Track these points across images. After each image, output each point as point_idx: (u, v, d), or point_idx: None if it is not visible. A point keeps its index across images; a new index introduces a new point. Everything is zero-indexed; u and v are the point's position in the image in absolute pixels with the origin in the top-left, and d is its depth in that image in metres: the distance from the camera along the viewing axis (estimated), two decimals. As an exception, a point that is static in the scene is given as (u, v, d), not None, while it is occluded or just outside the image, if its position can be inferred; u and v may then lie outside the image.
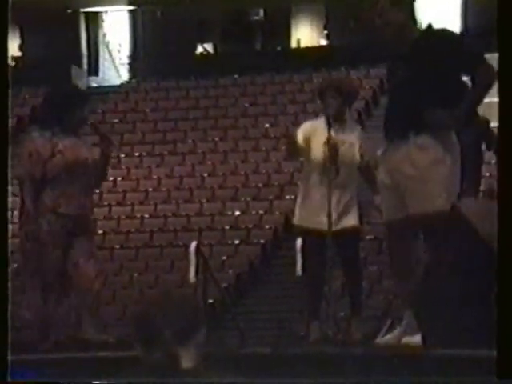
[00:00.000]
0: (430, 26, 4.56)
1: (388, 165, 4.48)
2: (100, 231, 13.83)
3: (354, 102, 5.61)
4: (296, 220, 5.53)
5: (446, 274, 4.22)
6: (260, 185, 14.23)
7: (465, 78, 4.46)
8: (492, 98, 4.42)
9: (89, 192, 4.83)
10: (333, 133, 5.32)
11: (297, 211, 5.51)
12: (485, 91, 4.39)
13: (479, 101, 4.43)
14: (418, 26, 4.54)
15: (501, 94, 3.37)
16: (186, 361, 3.83)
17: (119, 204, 14.32)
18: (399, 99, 4.50)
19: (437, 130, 4.36)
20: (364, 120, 14.71)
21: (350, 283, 5.52)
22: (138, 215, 14.06)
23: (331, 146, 5.29)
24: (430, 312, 4.22)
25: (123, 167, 15.09)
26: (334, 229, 5.27)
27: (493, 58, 4.43)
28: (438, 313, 4.18)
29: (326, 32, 17.13)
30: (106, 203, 14.36)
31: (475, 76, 4.39)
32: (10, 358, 3.21)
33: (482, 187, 6.25)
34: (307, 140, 5.43)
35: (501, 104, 3.35)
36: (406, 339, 4.41)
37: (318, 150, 5.38)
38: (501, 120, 3.35)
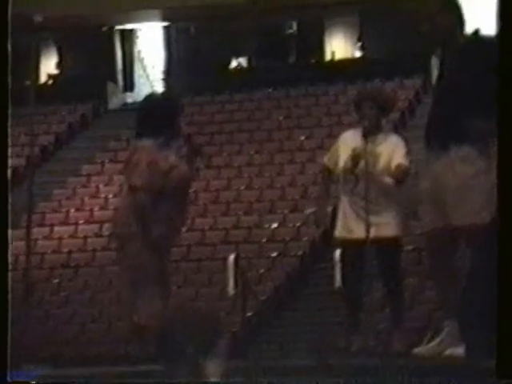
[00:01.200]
0: (476, 32, 4.50)
1: (429, 175, 4.45)
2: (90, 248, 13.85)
3: (390, 113, 5.60)
4: (336, 231, 5.52)
5: (487, 283, 4.18)
6: (296, 197, 14.23)
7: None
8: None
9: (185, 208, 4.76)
10: (363, 144, 5.33)
11: (337, 223, 5.51)
12: None
13: None
14: (464, 32, 4.48)
15: (501, 94, 3.33)
16: (211, 373, 3.83)
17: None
18: (441, 108, 4.48)
19: (478, 141, 4.33)
20: (400, 131, 14.65)
21: (390, 294, 5.48)
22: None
23: (354, 156, 5.31)
24: (473, 322, 4.18)
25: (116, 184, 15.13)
26: (363, 238, 5.24)
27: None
28: (481, 323, 4.15)
29: (359, 44, 17.12)
30: (97, 219, 14.40)
31: None
32: (9, 358, 3.24)
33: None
34: (336, 152, 5.50)
35: (501, 104, 3.31)
36: (449, 350, 4.37)
37: (342, 161, 5.43)
38: (501, 119, 3.31)
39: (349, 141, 5.48)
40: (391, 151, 5.39)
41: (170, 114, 4.75)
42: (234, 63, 17.86)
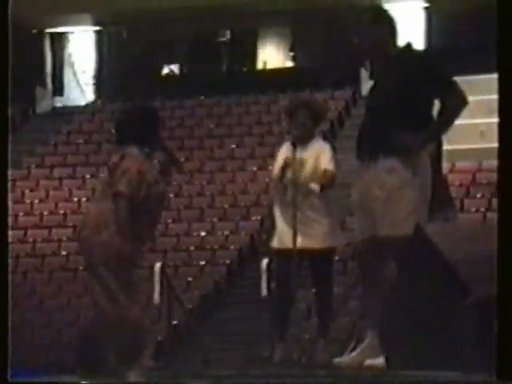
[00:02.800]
0: (408, 45, 4.52)
1: (359, 185, 4.49)
2: (64, 252, 13.75)
3: (321, 122, 5.61)
4: (273, 243, 5.46)
5: (409, 296, 4.22)
6: (226, 205, 14.22)
7: (435, 102, 4.47)
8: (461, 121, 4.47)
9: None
10: (295, 153, 5.32)
11: (274, 235, 5.46)
12: (455, 115, 4.41)
13: (448, 125, 4.44)
14: (396, 45, 4.51)
15: (501, 93, 3.37)
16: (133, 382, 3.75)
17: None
18: (371, 120, 4.52)
19: (405, 153, 4.37)
20: (330, 141, 14.77)
21: (320, 304, 5.47)
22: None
23: (283, 166, 5.31)
24: (394, 333, 4.22)
25: (88, 187, 14.99)
26: (292, 248, 5.24)
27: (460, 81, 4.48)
28: (401, 334, 4.18)
29: (291, 54, 17.23)
30: (70, 224, 14.25)
31: (445, 100, 4.39)
32: (9, 358, 3.17)
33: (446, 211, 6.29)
34: (276, 162, 5.48)
35: (501, 104, 3.36)
36: (369, 361, 4.40)
37: (274, 171, 5.43)
38: (501, 119, 3.36)
39: (282, 152, 5.47)
40: (316, 156, 5.39)
41: (154, 125, 4.77)
42: (165, 70, 17.77)
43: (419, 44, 15.32)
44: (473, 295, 4.04)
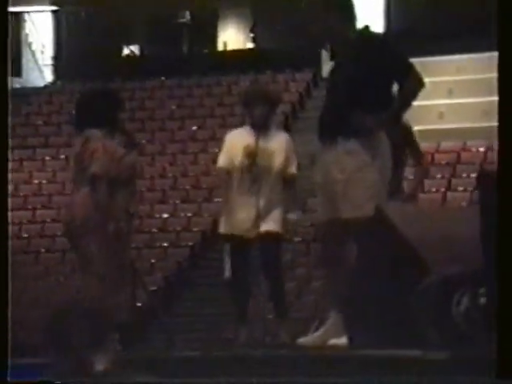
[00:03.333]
0: (366, 28, 4.56)
1: (320, 168, 4.53)
2: (25, 235, 13.64)
3: (276, 109, 5.65)
4: (221, 227, 5.56)
5: (370, 275, 4.29)
6: (188, 187, 14.21)
7: (394, 84, 4.52)
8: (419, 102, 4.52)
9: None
10: (255, 141, 5.39)
11: (221, 219, 5.53)
12: (412, 97, 4.45)
13: (406, 106, 4.49)
14: (354, 28, 4.53)
15: (501, 95, 3.40)
16: (98, 365, 3.76)
17: (44, 207, 14.12)
18: (331, 102, 4.56)
19: (365, 135, 4.42)
20: (290, 123, 14.83)
21: (271, 287, 5.54)
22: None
23: (248, 154, 5.36)
24: (355, 313, 4.28)
25: (48, 169, 14.87)
26: (253, 234, 5.33)
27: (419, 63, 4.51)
28: (363, 314, 4.25)
29: (252, 35, 17.20)
30: (30, 207, 14.14)
31: (403, 82, 4.45)
32: (9, 358, 3.17)
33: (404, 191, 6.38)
34: (230, 154, 5.51)
35: (501, 104, 3.38)
36: (333, 341, 4.46)
37: (236, 158, 5.45)
38: (501, 121, 3.38)
39: (238, 140, 5.50)
40: (283, 150, 5.46)
41: (113, 106, 4.82)
42: (125, 51, 17.63)
43: (378, 27, 15.41)
44: (433, 273, 4.11)
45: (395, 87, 4.49)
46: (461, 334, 3.90)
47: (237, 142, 5.51)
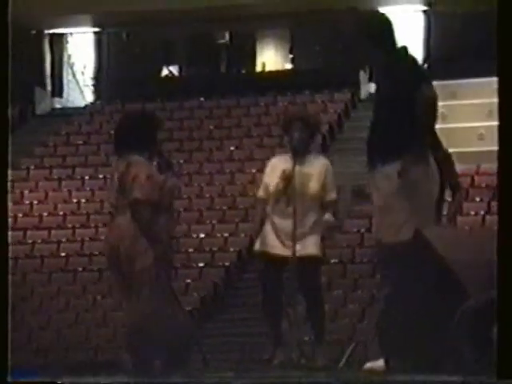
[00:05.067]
0: (404, 48, 4.52)
1: (371, 190, 4.57)
2: (63, 254, 13.76)
3: (317, 134, 5.65)
4: (256, 246, 5.56)
5: (409, 299, 4.24)
6: (225, 207, 14.23)
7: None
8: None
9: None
10: (293, 165, 5.40)
11: (258, 239, 5.54)
12: (434, 107, 4.42)
13: (432, 118, 4.46)
14: (393, 50, 4.51)
15: (501, 93, 3.39)
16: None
17: (83, 226, 14.21)
18: (372, 126, 4.61)
19: (406, 159, 4.42)
20: (328, 144, 14.80)
21: (311, 310, 5.53)
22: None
23: (285, 178, 5.37)
24: (393, 337, 4.24)
25: (87, 189, 15.01)
26: (288, 256, 5.34)
27: (455, 85, 4.50)
28: (401, 338, 4.20)
29: (291, 56, 17.25)
30: (69, 225, 14.26)
31: (418, 96, 4.42)
32: (10, 357, 3.19)
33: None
34: (269, 176, 5.53)
35: (501, 104, 3.37)
36: (369, 364, 4.42)
37: (273, 182, 5.47)
38: (501, 122, 3.37)
39: (277, 165, 5.53)
40: (321, 175, 5.46)
41: (152, 130, 4.92)
42: (165, 71, 17.79)
43: (418, 48, 15.36)
44: (472, 298, 4.06)
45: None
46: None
47: (276, 167, 5.54)
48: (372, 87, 16.50)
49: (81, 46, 17.82)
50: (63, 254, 13.69)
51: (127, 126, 4.90)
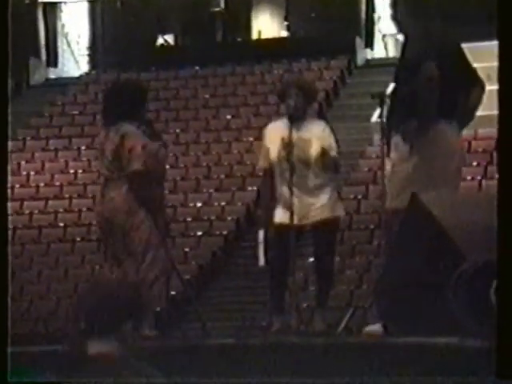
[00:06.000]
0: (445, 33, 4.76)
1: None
2: (61, 224, 13.77)
3: (314, 101, 5.64)
4: (276, 218, 5.45)
5: (406, 263, 4.26)
6: (222, 176, 14.23)
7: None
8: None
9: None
10: (292, 131, 5.38)
11: (275, 211, 5.45)
12: (479, 105, 4.65)
13: (474, 114, 4.75)
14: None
15: (501, 93, 3.39)
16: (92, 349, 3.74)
17: (80, 196, 14.22)
18: (399, 102, 4.75)
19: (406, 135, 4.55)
20: (325, 111, 14.77)
21: (322, 275, 5.49)
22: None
23: (285, 144, 5.35)
24: (391, 301, 4.26)
25: (84, 159, 14.98)
26: (303, 223, 5.33)
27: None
28: (398, 302, 4.22)
29: (286, 23, 17.14)
30: (66, 196, 14.26)
31: (471, 90, 4.70)
32: (9, 357, 3.20)
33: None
34: (269, 144, 5.51)
35: (501, 105, 3.37)
36: (367, 328, 4.45)
37: (274, 150, 5.45)
38: (501, 121, 3.37)
39: (275, 133, 5.50)
40: (319, 138, 5.44)
41: (141, 100, 4.91)
42: (160, 40, 17.68)
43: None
44: (468, 261, 4.08)
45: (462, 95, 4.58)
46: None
47: (274, 135, 5.51)
48: (368, 53, 16.45)
49: (75, 16, 17.68)
50: (61, 225, 13.70)
51: (116, 96, 4.89)
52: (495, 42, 3.40)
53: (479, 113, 4.89)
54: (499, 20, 3.37)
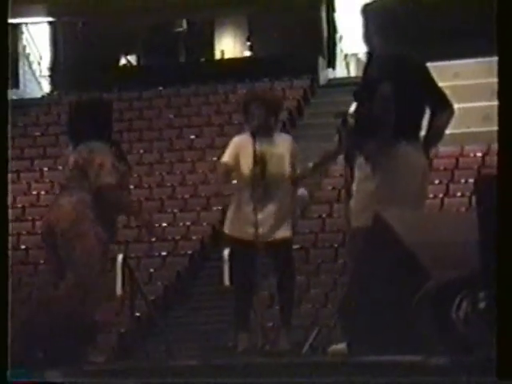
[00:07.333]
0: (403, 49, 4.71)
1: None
2: (23, 246, 13.63)
3: (279, 113, 5.59)
4: (226, 229, 5.50)
5: (369, 281, 4.28)
6: (186, 196, 14.20)
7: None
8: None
9: None
10: (259, 145, 5.35)
11: (227, 221, 5.50)
12: (446, 127, 4.69)
13: (441, 136, 4.78)
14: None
15: (501, 95, 3.40)
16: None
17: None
18: (358, 118, 4.77)
19: (369, 155, 4.62)
20: (289, 130, 14.83)
21: (282, 294, 5.50)
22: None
23: (258, 160, 5.32)
24: (355, 319, 4.27)
25: (46, 180, 14.86)
26: (266, 240, 5.32)
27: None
28: (362, 320, 4.24)
29: (249, 43, 17.22)
30: (29, 218, 14.12)
31: (437, 110, 4.73)
32: (9, 358, 3.14)
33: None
34: (236, 155, 5.45)
35: (501, 104, 3.38)
36: (333, 347, 4.45)
37: (245, 165, 5.40)
38: (500, 122, 3.38)
39: (245, 145, 5.45)
40: (291, 154, 5.43)
41: (109, 117, 4.95)
42: (123, 61, 17.65)
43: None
44: (433, 279, 4.10)
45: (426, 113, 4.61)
46: (461, 339, 3.88)
47: (244, 146, 5.44)
48: (330, 73, 16.57)
49: (36, 36, 17.61)
50: (23, 247, 13.55)
51: (86, 114, 4.89)
52: (462, 61, 3.42)
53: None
54: (498, 36, 3.38)
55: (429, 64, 4.82)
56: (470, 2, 14.93)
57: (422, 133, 4.78)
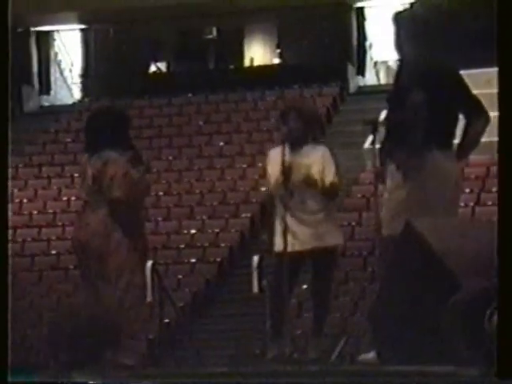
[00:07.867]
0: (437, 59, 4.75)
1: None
2: (53, 252, 13.73)
3: (315, 128, 5.54)
4: (277, 247, 5.39)
5: (401, 291, 4.25)
6: (215, 203, 14.22)
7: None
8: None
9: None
10: (291, 156, 5.35)
11: (276, 238, 5.41)
12: (482, 135, 4.67)
13: (476, 144, 4.74)
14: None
15: (501, 97, 3.40)
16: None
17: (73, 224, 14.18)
18: (393, 126, 4.79)
19: (401, 162, 4.61)
20: (318, 138, 14.80)
21: (318, 302, 5.46)
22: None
23: (284, 170, 5.33)
24: (384, 329, 4.25)
25: (77, 186, 14.97)
26: (302, 249, 5.30)
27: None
28: (392, 329, 4.21)
29: (278, 51, 17.23)
30: (59, 223, 14.22)
31: (472, 118, 4.70)
32: (10, 358, 3.17)
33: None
34: (270, 169, 5.50)
35: (501, 104, 3.37)
36: (362, 356, 4.43)
37: (273, 175, 5.43)
38: (501, 121, 3.37)
39: (275, 157, 5.46)
40: (321, 163, 5.42)
41: (124, 126, 4.97)
42: (153, 68, 17.75)
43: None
44: (464, 289, 4.07)
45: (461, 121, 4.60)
46: (493, 350, 3.84)
47: (274, 160, 5.47)
48: (360, 80, 16.54)
49: (68, 44, 17.76)
50: (53, 252, 13.66)
51: (99, 123, 4.93)
52: (494, 69, 3.41)
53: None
54: (498, 47, 3.38)
55: (461, 71, 4.78)
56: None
57: (456, 141, 4.74)
